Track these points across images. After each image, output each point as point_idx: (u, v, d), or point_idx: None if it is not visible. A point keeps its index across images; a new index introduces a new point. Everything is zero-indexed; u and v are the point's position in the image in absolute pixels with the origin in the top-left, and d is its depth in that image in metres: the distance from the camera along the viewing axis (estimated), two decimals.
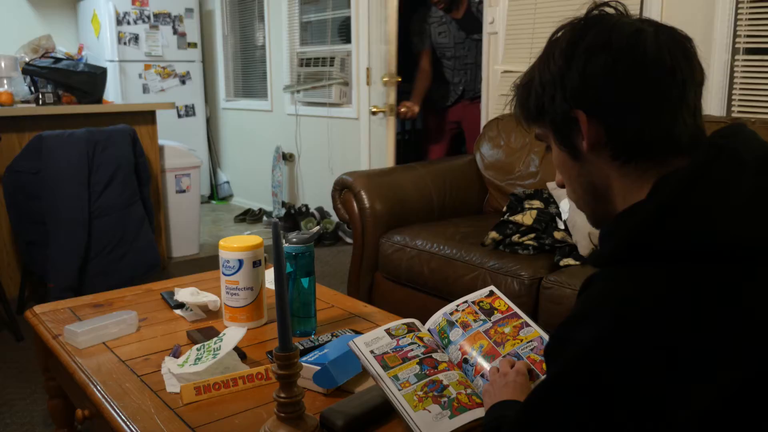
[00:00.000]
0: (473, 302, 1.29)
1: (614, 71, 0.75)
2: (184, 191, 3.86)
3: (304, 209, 4.53)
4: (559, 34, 0.81)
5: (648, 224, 0.70)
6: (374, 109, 3.64)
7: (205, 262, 3.78)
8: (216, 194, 5.87)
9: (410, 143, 6.72)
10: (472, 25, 3.64)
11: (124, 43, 5.08)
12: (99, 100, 3.47)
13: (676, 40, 0.77)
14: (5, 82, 3.34)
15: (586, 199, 0.85)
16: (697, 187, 0.70)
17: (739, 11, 2.36)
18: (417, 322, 1.26)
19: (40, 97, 3.27)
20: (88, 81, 3.39)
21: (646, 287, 0.68)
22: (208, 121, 5.77)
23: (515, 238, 2.21)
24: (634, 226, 0.71)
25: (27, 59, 3.51)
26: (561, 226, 2.22)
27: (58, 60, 3.46)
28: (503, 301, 1.29)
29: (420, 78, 3.85)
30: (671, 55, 0.75)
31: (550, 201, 2.36)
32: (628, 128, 0.76)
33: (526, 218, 2.23)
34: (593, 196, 0.84)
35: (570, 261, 2.09)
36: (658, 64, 0.75)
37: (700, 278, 0.67)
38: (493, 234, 2.25)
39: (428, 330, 1.26)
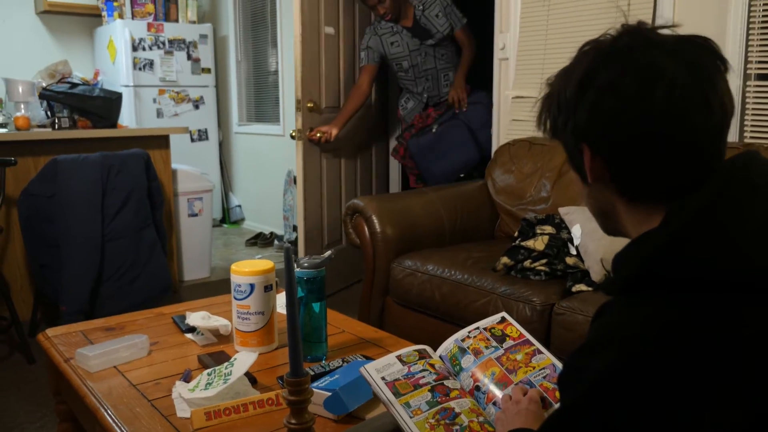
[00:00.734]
0: (485, 328, 1.28)
1: (621, 119, 0.74)
2: (196, 215, 3.88)
3: None
4: (587, 48, 0.80)
5: (660, 253, 0.70)
6: (293, 134, 3.44)
7: (217, 286, 3.78)
8: (228, 218, 5.89)
9: None
10: (422, 32, 3.51)
11: (139, 69, 5.16)
12: (114, 124, 3.51)
13: (698, 80, 0.73)
14: (22, 106, 3.39)
15: (596, 217, 0.87)
16: (709, 216, 0.69)
17: (750, 37, 2.36)
18: (428, 349, 1.25)
19: (56, 121, 3.32)
20: (103, 106, 3.44)
21: (659, 316, 0.67)
22: (220, 145, 5.82)
23: (527, 263, 2.21)
24: (647, 255, 0.71)
25: (44, 84, 3.57)
26: (573, 251, 2.21)
27: (74, 85, 3.51)
28: (515, 328, 1.29)
29: (350, 97, 3.61)
30: (687, 102, 0.72)
31: (561, 226, 2.35)
32: (633, 174, 0.76)
33: (538, 244, 2.22)
34: (602, 217, 0.86)
35: (582, 287, 2.07)
36: (668, 117, 0.72)
37: (713, 307, 0.67)
38: (505, 259, 2.24)
39: (440, 357, 1.25)
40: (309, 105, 3.42)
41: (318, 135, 3.42)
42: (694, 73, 0.73)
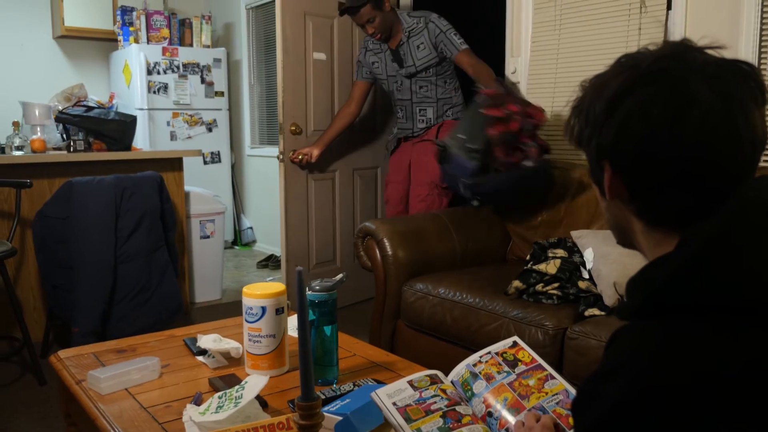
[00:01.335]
0: (496, 353, 1.27)
1: (646, 144, 0.73)
2: (208, 237, 3.90)
3: None
4: (624, 62, 0.78)
5: (675, 279, 0.69)
6: (278, 156, 3.50)
7: (228, 308, 3.79)
8: (239, 240, 5.91)
9: None
10: (400, 59, 3.31)
11: (154, 92, 5.22)
12: (128, 147, 3.55)
13: (731, 112, 0.71)
14: (39, 129, 3.43)
15: (612, 231, 0.87)
16: (725, 242, 0.69)
17: (764, 44, 2.37)
18: (440, 374, 1.24)
19: (72, 144, 3.36)
20: (118, 129, 3.48)
21: (674, 342, 0.67)
22: (233, 167, 5.86)
23: (539, 287, 2.19)
24: (662, 280, 0.71)
25: (60, 107, 3.62)
26: (585, 275, 2.20)
27: (89, 108, 3.55)
28: (527, 352, 1.28)
29: (336, 116, 3.55)
30: (716, 134, 0.71)
31: (574, 250, 2.34)
32: (652, 199, 0.76)
33: (550, 267, 2.21)
34: (619, 232, 0.85)
35: (595, 311, 2.06)
36: (695, 147, 0.71)
37: (728, 332, 0.66)
38: (517, 283, 2.23)
39: (451, 382, 1.24)
40: (292, 128, 3.49)
41: (300, 157, 3.46)
42: (728, 103, 0.71)
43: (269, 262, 5.13)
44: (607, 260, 2.10)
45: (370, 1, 3.13)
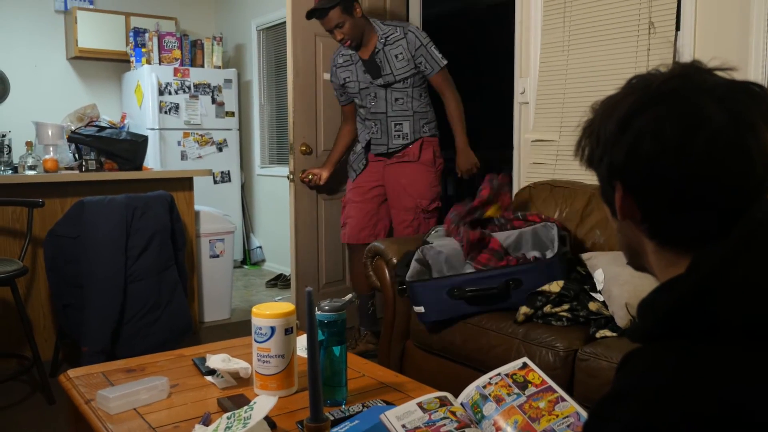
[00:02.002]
0: (506, 375, 1.27)
1: (657, 163, 0.73)
2: (217, 256, 3.91)
3: None
4: (634, 83, 0.78)
5: (686, 303, 0.69)
6: (288, 176, 3.51)
7: (236, 328, 3.78)
8: (248, 259, 5.92)
9: (440, 208, 6.76)
10: (375, 68, 3.16)
11: (165, 112, 5.27)
12: (139, 167, 3.58)
13: (742, 132, 0.70)
14: (51, 149, 3.47)
15: (624, 252, 0.86)
16: (738, 264, 0.68)
17: None
18: (449, 396, 1.23)
19: (84, 164, 3.39)
20: (129, 149, 3.51)
21: (687, 366, 0.66)
22: (242, 186, 5.89)
23: (547, 308, 2.18)
24: (673, 303, 0.70)
25: (73, 127, 3.66)
26: (598, 297, 2.18)
27: (102, 128, 3.59)
28: (537, 374, 1.27)
29: (339, 136, 3.48)
30: (728, 153, 0.70)
31: (576, 268, 2.33)
32: (663, 218, 0.76)
33: (553, 286, 2.20)
34: (630, 253, 0.85)
35: (606, 332, 2.04)
36: (706, 167, 0.71)
37: (743, 356, 0.65)
38: (524, 309, 2.20)
39: (461, 404, 1.23)
40: (302, 148, 3.51)
41: (309, 177, 3.45)
42: (739, 124, 0.71)
43: (278, 282, 5.13)
44: (617, 281, 2.08)
45: (339, 4, 3.01)
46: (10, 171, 3.39)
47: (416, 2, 4.02)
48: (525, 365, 1.29)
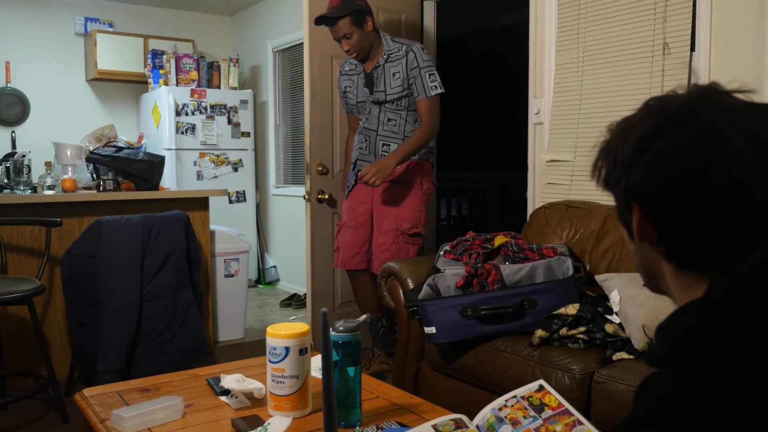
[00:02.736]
0: (522, 397, 1.26)
1: (676, 185, 0.72)
2: (232, 275, 3.92)
3: None
4: (652, 104, 0.78)
5: (706, 326, 0.68)
6: (306, 196, 3.47)
7: (251, 347, 3.78)
8: (263, 278, 5.94)
9: (455, 228, 6.75)
10: (372, 82, 3.10)
11: (182, 133, 5.33)
12: (156, 186, 3.61)
13: (762, 154, 0.70)
14: (70, 169, 3.51)
15: (641, 274, 0.85)
16: (757, 287, 0.68)
17: None
18: (465, 418, 1.22)
19: (101, 183, 3.43)
20: (146, 169, 3.55)
21: (705, 395, 0.65)
22: (257, 206, 5.92)
23: (563, 331, 2.16)
24: (692, 327, 0.70)
25: (91, 147, 3.70)
26: (614, 319, 2.16)
27: (119, 149, 3.64)
28: (554, 397, 1.26)
29: (347, 150, 3.39)
30: (748, 175, 0.70)
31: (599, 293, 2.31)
32: (681, 241, 0.75)
33: (570, 309, 2.18)
34: (647, 276, 0.84)
35: (623, 355, 2.02)
36: (726, 189, 0.70)
37: (761, 383, 0.64)
38: (540, 332, 2.17)
39: (476, 426, 1.22)
40: (318, 168, 3.52)
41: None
42: (757, 146, 0.71)
43: (292, 301, 5.13)
44: (634, 303, 2.06)
45: (350, 15, 2.96)
46: (30, 190, 3.44)
47: (431, 24, 4.06)
48: (541, 388, 1.28)
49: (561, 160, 3.13)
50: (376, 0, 3.48)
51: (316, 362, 1.70)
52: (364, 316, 1.59)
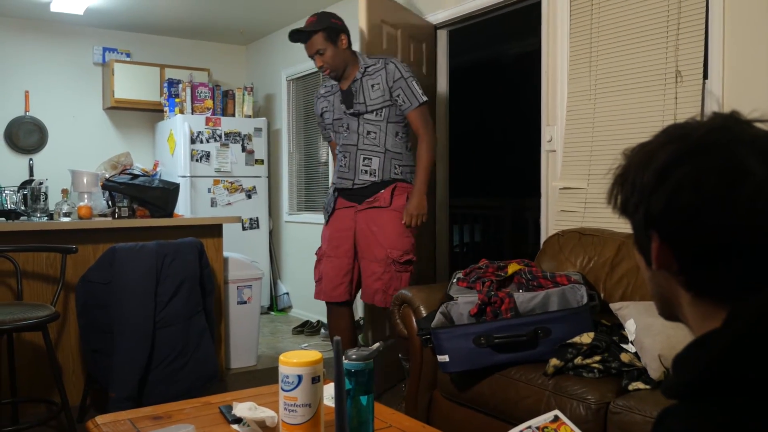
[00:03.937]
0: (537, 428, 1.24)
1: (698, 215, 0.72)
2: (245, 302, 3.92)
3: (362, 322, 4.51)
4: (671, 131, 0.78)
5: (725, 357, 0.67)
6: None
7: (263, 375, 3.77)
8: (275, 305, 5.93)
9: (468, 255, 6.73)
10: (349, 97, 3.04)
11: (196, 160, 5.38)
12: (170, 213, 3.64)
13: None
14: (86, 196, 3.55)
15: (656, 302, 0.84)
16: None
17: None
18: None
19: (117, 211, 3.46)
20: (161, 196, 3.58)
21: (726, 426, 0.64)
22: (270, 233, 5.94)
23: (578, 360, 2.13)
24: (711, 359, 0.69)
25: (107, 175, 3.75)
26: (630, 348, 2.13)
27: (135, 176, 3.67)
28: (569, 428, 1.24)
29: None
30: None
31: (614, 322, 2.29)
32: (701, 270, 0.75)
33: (584, 338, 2.16)
34: (662, 304, 0.83)
35: (639, 385, 1.99)
36: (749, 219, 0.70)
37: None
38: (554, 361, 2.15)
39: None
40: None
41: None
42: None
43: (305, 328, 5.11)
44: (650, 332, 2.04)
45: (323, 30, 2.95)
46: (46, 218, 3.48)
47: (443, 53, 4.10)
48: (557, 418, 1.26)
49: (574, 188, 3.12)
50: (401, 26, 3.52)
51: (328, 390, 1.69)
52: (377, 344, 1.58)
